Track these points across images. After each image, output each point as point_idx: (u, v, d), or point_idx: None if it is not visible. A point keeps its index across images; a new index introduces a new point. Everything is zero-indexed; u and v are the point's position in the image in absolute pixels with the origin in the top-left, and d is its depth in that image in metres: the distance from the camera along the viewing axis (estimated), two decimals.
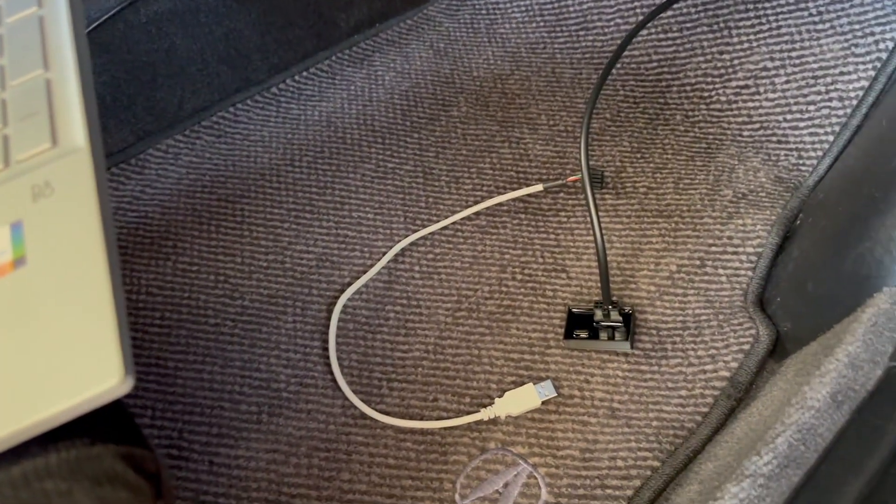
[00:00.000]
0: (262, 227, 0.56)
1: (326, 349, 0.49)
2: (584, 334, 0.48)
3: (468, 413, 0.46)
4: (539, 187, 0.55)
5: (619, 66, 0.63)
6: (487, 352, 0.49)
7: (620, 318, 0.47)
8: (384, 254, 0.54)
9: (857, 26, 0.55)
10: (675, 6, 0.63)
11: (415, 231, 0.55)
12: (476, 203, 0.56)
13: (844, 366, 0.35)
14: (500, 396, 0.46)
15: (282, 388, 0.48)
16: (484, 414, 0.45)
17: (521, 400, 0.45)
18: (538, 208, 0.55)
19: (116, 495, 0.23)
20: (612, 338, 0.47)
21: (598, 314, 0.47)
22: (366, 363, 0.49)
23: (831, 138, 0.54)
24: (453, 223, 0.55)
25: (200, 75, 0.62)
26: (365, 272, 0.53)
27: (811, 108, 0.55)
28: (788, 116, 0.57)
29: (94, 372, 0.23)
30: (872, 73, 0.54)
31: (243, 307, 0.52)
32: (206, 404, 0.47)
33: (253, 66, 0.64)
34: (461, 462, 0.44)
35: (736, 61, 0.59)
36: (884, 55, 0.54)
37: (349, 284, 0.53)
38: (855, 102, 0.54)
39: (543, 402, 0.45)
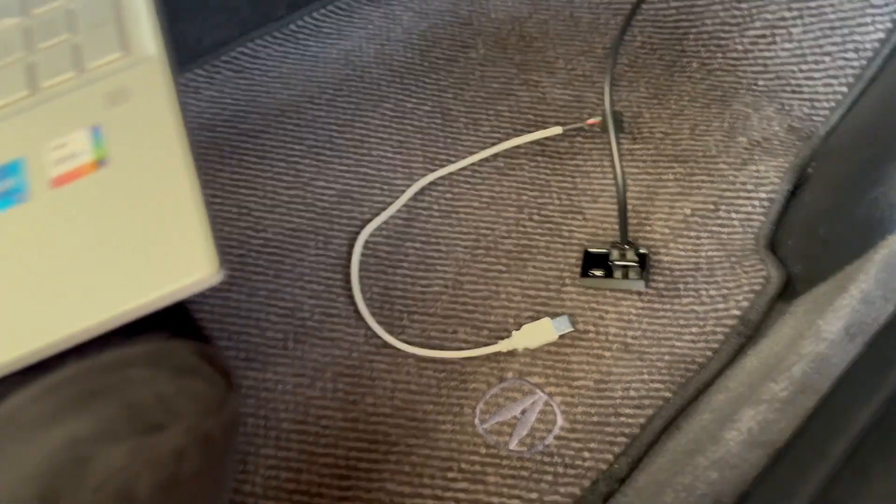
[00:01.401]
0: (282, 162, 0.57)
1: (349, 282, 0.50)
2: (599, 273, 0.49)
3: (487, 345, 0.47)
4: (558, 130, 0.55)
5: (637, 12, 0.64)
6: (505, 288, 0.50)
7: (636, 258, 0.49)
8: (403, 192, 0.55)
9: None
10: None
11: (434, 171, 0.56)
12: (494, 145, 0.57)
13: (858, 301, 0.37)
14: (517, 330, 0.48)
15: (306, 318, 0.49)
16: (502, 346, 0.47)
17: (538, 333, 0.47)
18: (555, 151, 0.56)
19: (195, 385, 0.25)
20: (626, 277, 0.49)
21: (615, 254, 0.49)
22: (387, 296, 0.50)
23: (845, 90, 0.55)
24: (472, 164, 0.56)
25: (220, 10, 0.61)
26: (385, 209, 0.54)
27: (826, 59, 0.56)
28: (804, 67, 0.57)
29: (188, 263, 0.24)
30: (890, 24, 0.54)
31: (266, 239, 0.53)
32: (233, 330, 0.48)
33: (272, 1, 0.63)
34: (480, 390, 0.46)
35: (754, 10, 0.60)
36: None
37: (369, 220, 0.54)
38: (871, 54, 0.55)
39: (560, 336, 0.47)
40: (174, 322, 0.26)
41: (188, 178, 0.26)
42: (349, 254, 0.52)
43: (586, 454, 0.42)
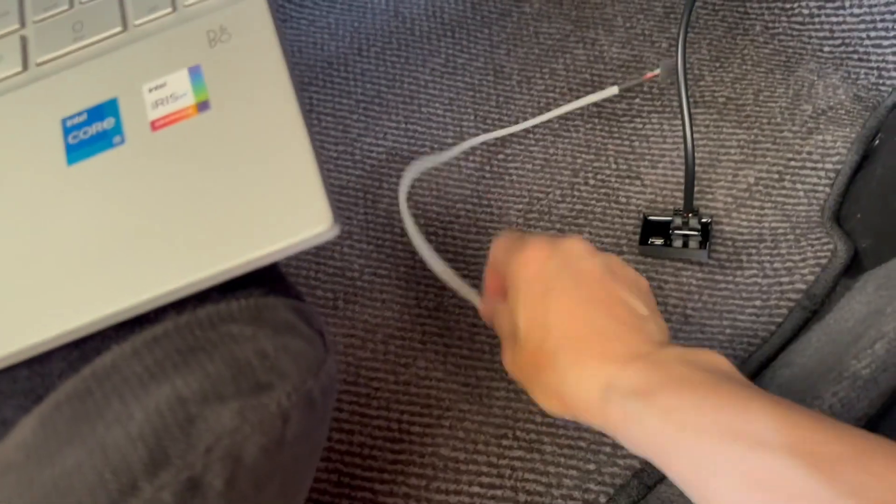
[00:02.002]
0: (330, 116, 0.55)
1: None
2: (658, 241, 0.48)
3: None
4: (614, 90, 0.53)
5: None
6: None
7: (698, 227, 0.47)
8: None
9: None
10: None
11: (485, 131, 0.54)
12: (548, 104, 0.55)
13: None
14: None
15: (356, 277, 0.48)
16: None
17: None
18: (612, 113, 0.54)
19: (295, 343, 0.24)
20: (686, 246, 0.47)
21: (677, 221, 0.47)
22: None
23: None
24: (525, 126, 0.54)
25: None
26: (435, 168, 0.52)
27: None
28: (872, 34, 0.55)
29: (303, 215, 0.23)
30: None
31: None
32: None
33: None
34: None
35: None
36: None
37: (419, 180, 0.52)
38: None
39: None
40: (268, 277, 0.25)
41: (297, 123, 0.24)
42: (399, 213, 0.50)
43: None
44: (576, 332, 0.30)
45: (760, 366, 0.43)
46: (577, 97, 0.52)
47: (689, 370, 0.27)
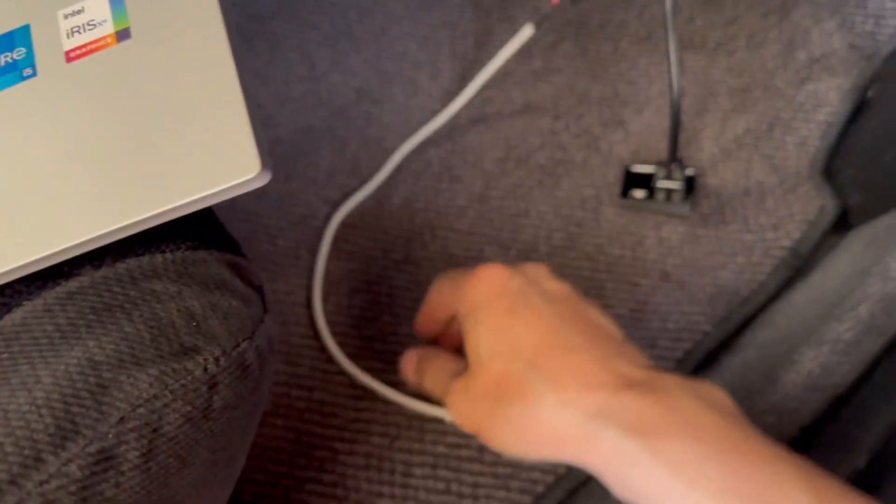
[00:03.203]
0: (295, 52, 0.51)
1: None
2: (640, 194, 0.45)
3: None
4: (528, 30, 0.47)
5: None
6: (536, 205, 0.46)
7: (682, 179, 0.45)
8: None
9: None
10: None
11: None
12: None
13: None
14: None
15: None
16: None
17: None
18: (597, 55, 0.51)
19: (227, 302, 0.21)
20: (669, 199, 0.45)
21: (660, 173, 0.45)
22: (407, 208, 0.46)
23: None
24: (504, 65, 0.50)
25: None
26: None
27: None
28: None
29: (231, 161, 0.20)
30: None
31: (277, 137, 0.48)
32: (239, 236, 0.44)
33: None
34: None
35: None
36: None
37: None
38: None
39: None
40: (198, 228, 0.22)
41: (227, 59, 0.21)
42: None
43: None
44: (550, 352, 0.26)
45: (741, 325, 0.41)
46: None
47: (697, 408, 0.23)
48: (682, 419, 0.23)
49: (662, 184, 0.45)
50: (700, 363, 0.40)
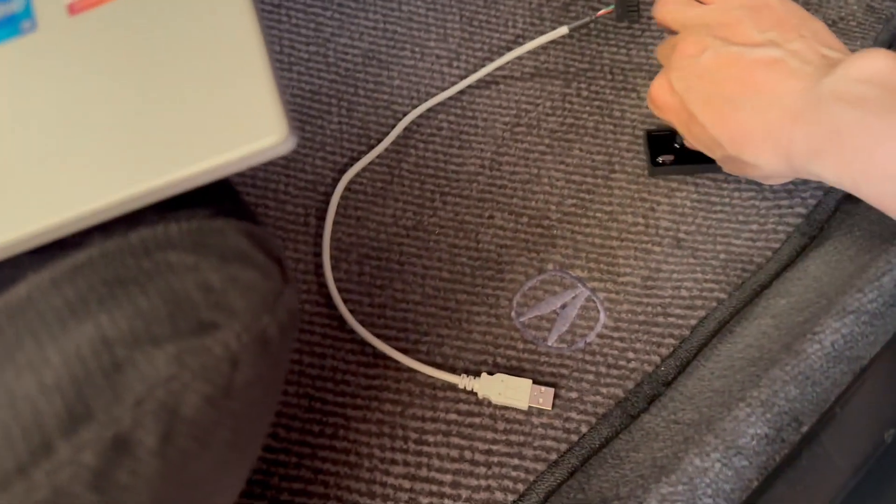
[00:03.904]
0: (301, 12, 0.50)
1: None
2: (669, 160, 0.44)
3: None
4: (563, 30, 0.46)
5: None
6: (547, 171, 0.45)
7: None
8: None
9: None
10: None
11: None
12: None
13: None
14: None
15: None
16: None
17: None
18: (609, 18, 0.50)
19: (246, 275, 0.20)
20: (695, 160, 0.44)
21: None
22: (417, 173, 0.45)
23: None
24: (516, 27, 0.49)
25: None
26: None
27: None
28: None
29: (253, 125, 0.19)
30: None
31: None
32: (248, 201, 0.44)
33: None
34: (518, 281, 0.42)
35: None
36: None
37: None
38: None
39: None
40: (214, 195, 0.21)
41: (248, 10, 0.20)
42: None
43: (630, 354, 0.40)
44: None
45: (754, 293, 0.41)
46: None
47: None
48: None
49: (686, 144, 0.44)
50: (714, 331, 0.40)
